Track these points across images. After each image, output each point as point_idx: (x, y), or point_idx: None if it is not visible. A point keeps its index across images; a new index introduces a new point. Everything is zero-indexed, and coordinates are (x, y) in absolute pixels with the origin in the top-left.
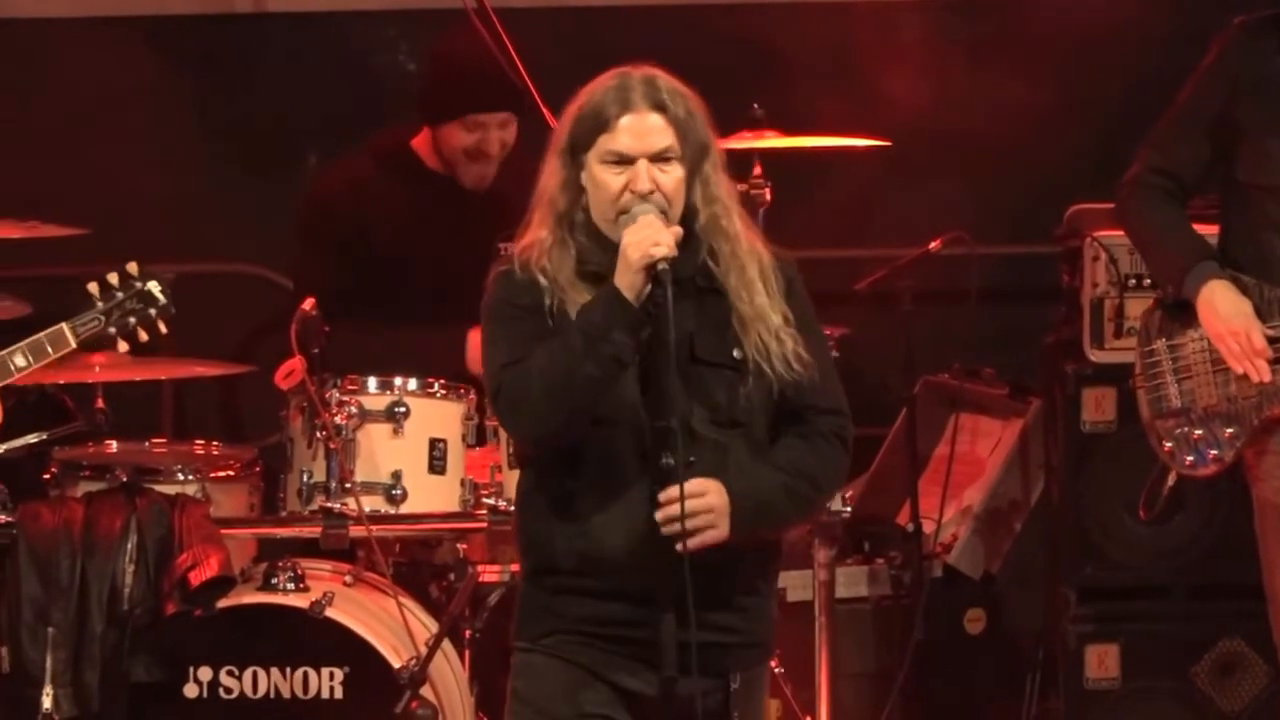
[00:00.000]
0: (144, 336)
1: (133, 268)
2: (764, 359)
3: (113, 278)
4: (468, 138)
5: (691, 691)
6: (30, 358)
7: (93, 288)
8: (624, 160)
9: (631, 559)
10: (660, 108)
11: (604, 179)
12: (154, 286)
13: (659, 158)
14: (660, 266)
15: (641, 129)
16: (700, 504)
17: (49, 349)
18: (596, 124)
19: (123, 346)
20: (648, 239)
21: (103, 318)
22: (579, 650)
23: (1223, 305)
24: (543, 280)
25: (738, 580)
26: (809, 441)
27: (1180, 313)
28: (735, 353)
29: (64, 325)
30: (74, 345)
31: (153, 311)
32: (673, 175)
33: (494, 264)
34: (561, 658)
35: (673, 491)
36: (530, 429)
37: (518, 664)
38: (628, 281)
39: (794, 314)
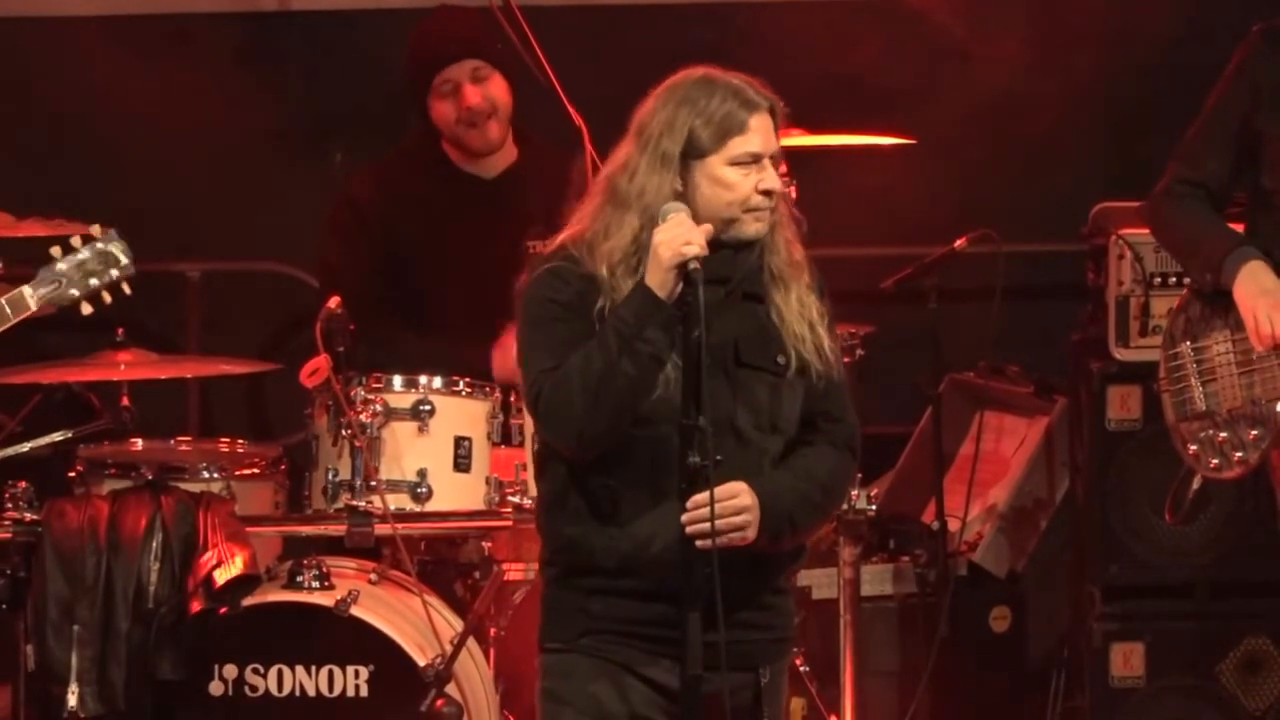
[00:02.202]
0: (107, 298)
1: (96, 230)
2: (810, 358)
3: (75, 240)
4: (450, 105)
5: (721, 688)
6: None
7: (55, 251)
8: (756, 160)
9: (674, 558)
10: (771, 110)
11: (734, 179)
12: (116, 247)
13: (773, 157)
14: (691, 266)
15: (767, 129)
16: (733, 505)
17: (8, 312)
18: (729, 126)
19: (86, 309)
20: (679, 238)
21: (63, 279)
22: (616, 649)
23: (1265, 279)
24: (605, 276)
25: (767, 578)
26: (824, 451)
27: (1206, 314)
28: (779, 358)
29: (24, 288)
30: (33, 308)
31: (115, 273)
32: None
33: (527, 262)
34: (599, 656)
35: (702, 497)
36: (572, 433)
37: (550, 664)
38: (658, 280)
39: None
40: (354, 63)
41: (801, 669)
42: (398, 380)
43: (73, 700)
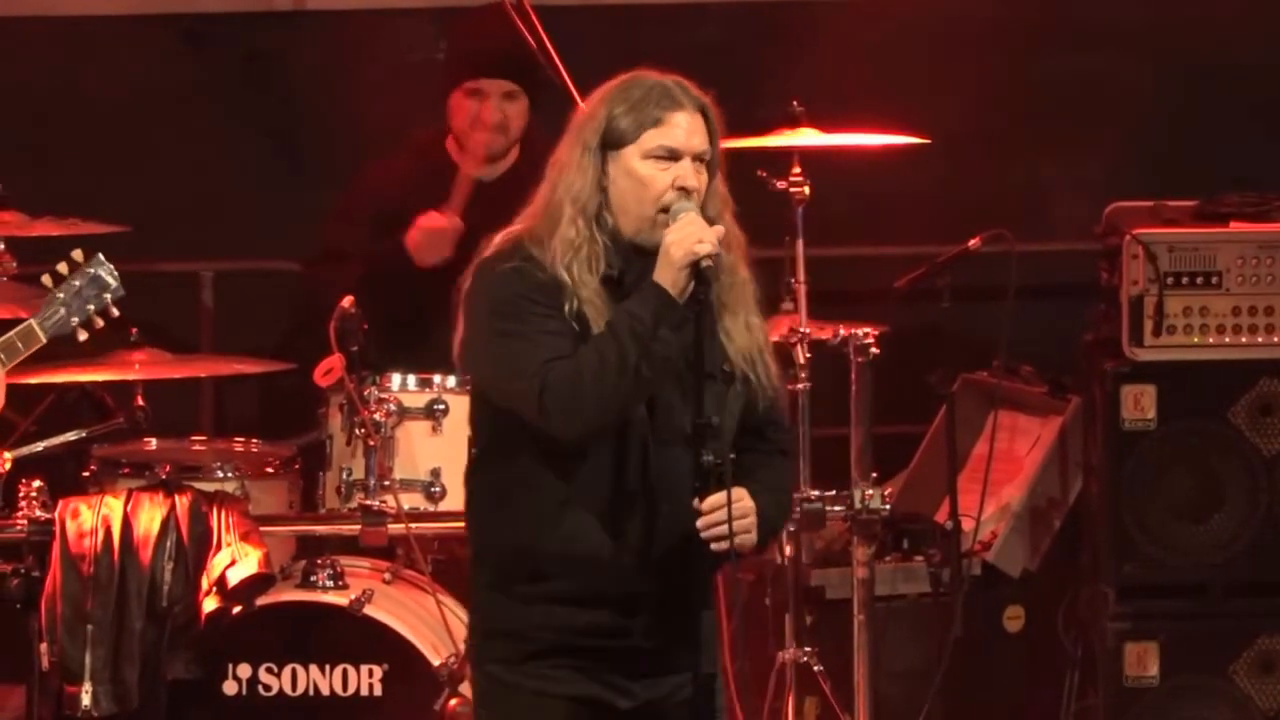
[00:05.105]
0: (100, 323)
1: (79, 255)
2: (750, 370)
3: (63, 267)
4: (470, 106)
5: (663, 693)
6: (4, 356)
7: (46, 280)
8: (673, 156)
9: (625, 563)
10: (702, 111)
11: (648, 174)
12: (105, 271)
13: (697, 158)
14: (704, 264)
15: (690, 128)
16: (743, 506)
17: (20, 346)
18: (644, 119)
19: (82, 335)
20: (691, 236)
21: (64, 310)
22: (559, 673)
23: None
24: (566, 280)
25: (708, 576)
26: (781, 459)
27: None
28: (725, 365)
29: (32, 321)
30: (44, 340)
31: (107, 296)
32: (704, 178)
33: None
34: (542, 692)
35: (717, 498)
36: (581, 428)
37: (489, 691)
38: (670, 279)
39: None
40: (367, 62)
41: (815, 669)
42: (411, 380)
43: (86, 699)
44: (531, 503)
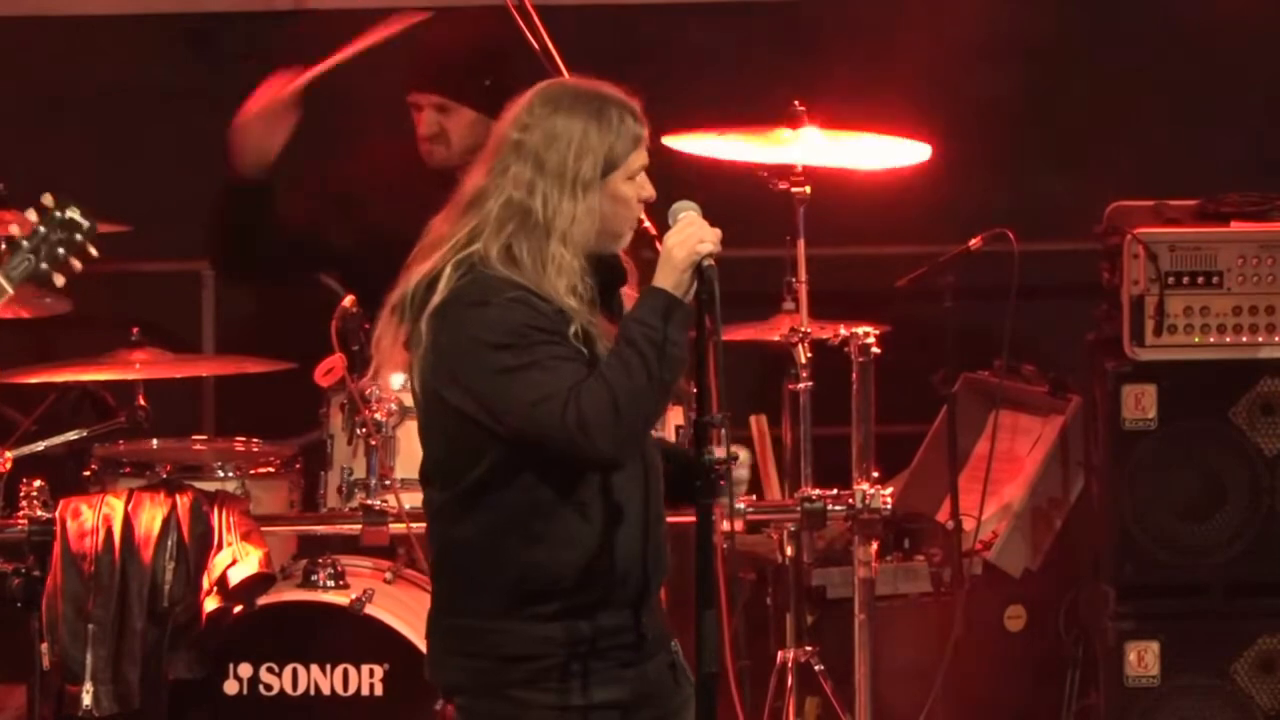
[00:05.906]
0: (77, 265)
1: (48, 199)
2: None
3: (31, 215)
4: (414, 119)
5: (655, 669)
6: None
7: (14, 229)
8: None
9: (633, 565)
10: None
11: (628, 194)
12: (74, 212)
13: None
14: (706, 263)
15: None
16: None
17: None
18: (638, 139)
19: (59, 280)
20: (693, 237)
21: (32, 256)
22: (575, 681)
23: None
24: (570, 306)
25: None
26: None
27: None
28: None
29: None
30: (10, 291)
31: (79, 236)
32: None
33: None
34: (559, 703)
35: None
36: (622, 444)
37: (508, 714)
38: (674, 281)
39: None
40: (370, 61)
41: (816, 668)
42: None
43: (87, 699)
44: (547, 525)
